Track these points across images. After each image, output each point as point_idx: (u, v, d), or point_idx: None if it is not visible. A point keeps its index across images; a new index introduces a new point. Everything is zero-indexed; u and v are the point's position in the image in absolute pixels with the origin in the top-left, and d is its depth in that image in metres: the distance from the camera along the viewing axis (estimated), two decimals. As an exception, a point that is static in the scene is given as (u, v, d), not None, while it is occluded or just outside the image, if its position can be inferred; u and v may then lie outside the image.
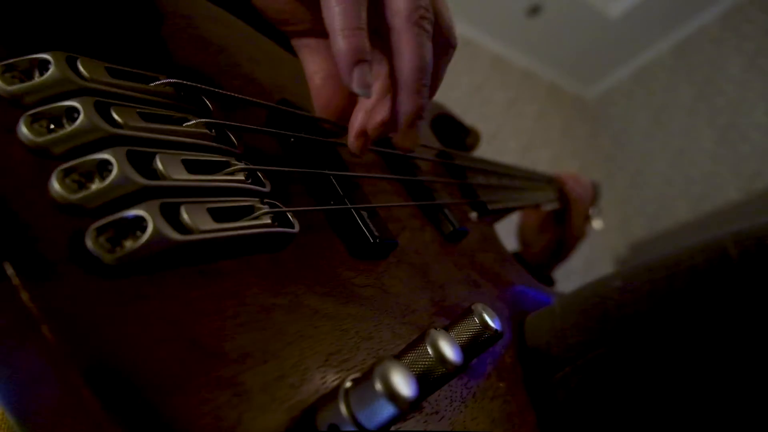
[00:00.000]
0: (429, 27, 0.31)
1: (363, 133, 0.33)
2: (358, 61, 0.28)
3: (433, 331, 0.26)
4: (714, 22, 3.48)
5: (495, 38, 3.36)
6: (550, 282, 0.89)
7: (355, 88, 0.28)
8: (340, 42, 0.28)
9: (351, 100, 0.36)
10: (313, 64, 0.36)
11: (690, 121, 3.50)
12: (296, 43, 0.37)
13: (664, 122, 3.65)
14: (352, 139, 0.33)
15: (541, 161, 3.31)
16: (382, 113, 0.33)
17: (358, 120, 0.33)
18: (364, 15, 0.29)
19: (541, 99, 3.64)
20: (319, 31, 0.36)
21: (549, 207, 0.90)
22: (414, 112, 0.32)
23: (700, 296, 0.36)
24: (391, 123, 0.33)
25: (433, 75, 0.34)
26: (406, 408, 0.18)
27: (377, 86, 0.34)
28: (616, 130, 3.94)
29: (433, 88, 0.35)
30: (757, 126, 3.17)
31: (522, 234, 0.92)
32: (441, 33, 0.33)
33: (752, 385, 0.33)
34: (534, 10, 3.20)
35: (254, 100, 0.31)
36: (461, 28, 3.15)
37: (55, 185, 0.17)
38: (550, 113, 3.64)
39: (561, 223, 0.88)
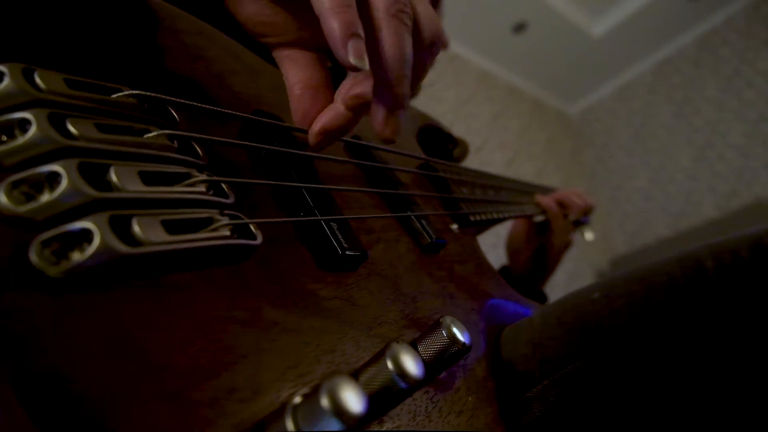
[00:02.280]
0: (408, 21, 0.32)
1: (323, 133, 0.34)
2: (351, 34, 0.29)
3: (394, 344, 0.26)
4: (693, 44, 3.59)
5: (481, 54, 3.41)
6: (543, 298, 0.88)
7: (352, 59, 0.29)
8: (332, 20, 0.29)
9: None
10: (293, 75, 0.37)
11: (669, 140, 3.59)
12: (277, 54, 0.38)
13: (644, 139, 3.73)
14: (312, 133, 0.34)
15: (525, 175, 3.36)
16: (360, 88, 0.34)
17: (324, 118, 0.34)
18: None
19: (526, 114, 3.69)
20: (298, 42, 0.37)
21: (539, 218, 0.90)
22: (395, 101, 0.33)
23: (677, 308, 0.36)
24: (366, 103, 0.34)
25: (417, 68, 0.35)
26: (353, 424, 0.18)
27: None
28: (599, 146, 4.01)
29: (416, 80, 0.36)
30: (733, 146, 3.26)
31: (510, 245, 0.93)
32: (423, 28, 0.34)
33: (730, 394, 0.34)
34: (520, 28, 3.26)
35: (221, 110, 0.31)
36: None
37: (2, 197, 0.17)
38: (535, 128, 3.70)
39: (543, 233, 0.89)
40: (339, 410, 0.18)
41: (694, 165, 3.43)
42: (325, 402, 0.18)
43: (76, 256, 0.17)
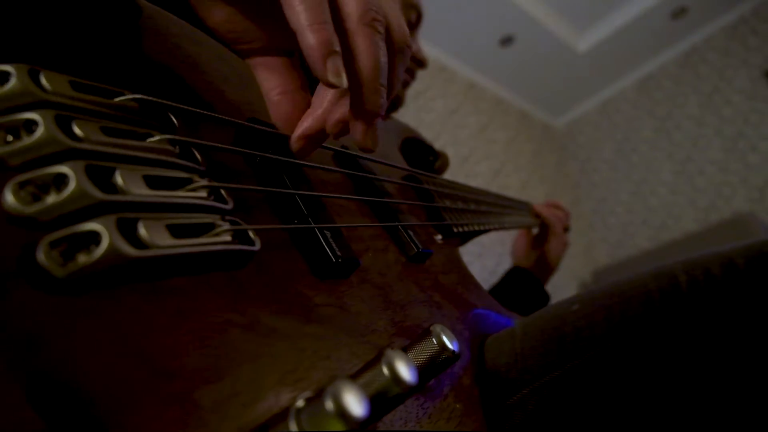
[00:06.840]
0: (381, 28, 0.32)
1: (304, 137, 0.35)
2: (329, 52, 0.28)
3: (389, 351, 0.26)
4: (674, 61, 3.68)
5: (469, 66, 3.45)
6: (546, 297, 0.99)
7: (330, 78, 0.29)
8: (309, 37, 0.28)
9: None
10: (269, 81, 0.37)
11: (651, 154, 3.66)
12: (251, 62, 0.38)
13: (627, 153, 3.81)
14: (293, 139, 0.35)
15: (511, 186, 3.39)
16: (340, 111, 0.34)
17: (305, 123, 0.35)
18: (327, 11, 0.29)
19: (512, 126, 3.74)
20: (272, 49, 0.37)
21: (535, 230, 1.05)
22: (372, 110, 0.32)
23: (652, 321, 0.37)
24: (347, 122, 0.34)
25: (391, 75, 0.35)
26: (356, 427, 0.18)
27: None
28: (583, 159, 4.08)
29: (391, 88, 0.35)
30: (713, 161, 3.35)
31: (514, 253, 1.06)
32: (392, 35, 0.34)
33: (701, 405, 0.35)
34: (507, 41, 3.31)
35: (220, 116, 0.31)
36: (438, 55, 3.24)
37: (9, 197, 0.17)
38: (521, 140, 3.74)
39: (542, 243, 1.02)
40: (343, 413, 0.18)
41: (674, 179, 3.51)
42: (329, 405, 0.18)
43: (83, 258, 0.17)
